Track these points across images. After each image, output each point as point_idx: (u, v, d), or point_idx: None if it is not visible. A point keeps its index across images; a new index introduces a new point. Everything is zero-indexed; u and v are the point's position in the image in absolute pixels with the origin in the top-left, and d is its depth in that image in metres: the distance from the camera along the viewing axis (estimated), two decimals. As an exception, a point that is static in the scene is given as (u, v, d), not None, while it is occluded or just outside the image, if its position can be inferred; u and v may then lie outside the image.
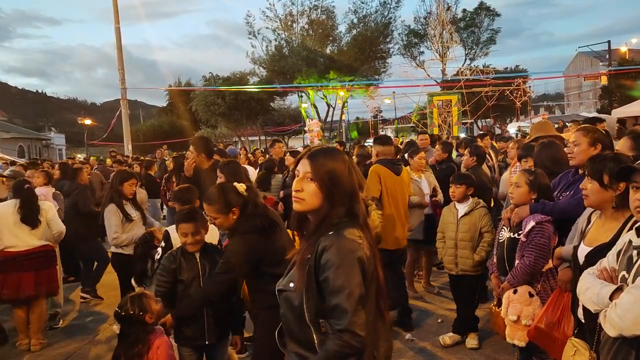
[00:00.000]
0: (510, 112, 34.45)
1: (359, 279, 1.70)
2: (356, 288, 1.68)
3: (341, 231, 1.75)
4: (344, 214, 1.80)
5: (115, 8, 19.34)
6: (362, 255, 1.73)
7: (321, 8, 32.86)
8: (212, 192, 3.08)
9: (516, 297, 3.19)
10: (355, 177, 1.88)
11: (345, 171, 1.83)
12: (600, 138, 3.34)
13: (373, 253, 1.81)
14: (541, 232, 3.22)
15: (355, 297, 1.67)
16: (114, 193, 4.94)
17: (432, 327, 4.97)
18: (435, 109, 20.66)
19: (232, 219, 3.00)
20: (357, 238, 1.75)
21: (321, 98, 34.39)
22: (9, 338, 5.07)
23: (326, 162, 1.83)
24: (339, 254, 1.71)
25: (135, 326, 2.80)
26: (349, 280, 1.68)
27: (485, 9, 36.47)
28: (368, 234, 1.82)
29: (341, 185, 1.81)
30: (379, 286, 1.83)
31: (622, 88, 28.23)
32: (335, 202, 1.79)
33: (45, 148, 48.83)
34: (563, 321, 2.83)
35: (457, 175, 4.72)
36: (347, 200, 1.81)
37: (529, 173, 3.46)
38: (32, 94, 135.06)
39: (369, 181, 4.82)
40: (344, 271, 1.69)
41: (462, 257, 4.45)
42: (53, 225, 5.06)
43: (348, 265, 1.69)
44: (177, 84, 45.29)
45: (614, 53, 34.05)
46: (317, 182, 1.80)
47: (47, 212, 5.03)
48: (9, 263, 4.82)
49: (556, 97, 66.43)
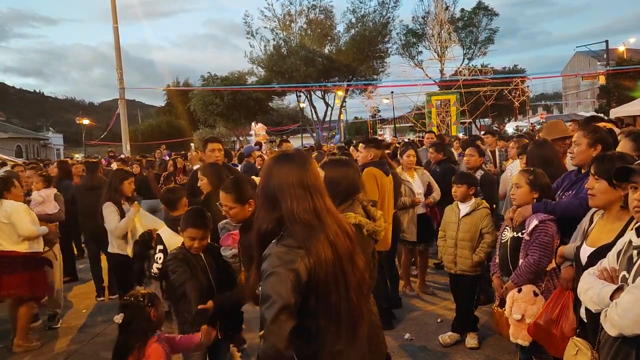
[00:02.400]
0: (509, 111, 34.49)
1: (285, 289, 1.68)
2: (279, 298, 1.67)
3: (281, 240, 1.76)
4: (277, 221, 1.79)
5: (113, 8, 19.33)
6: (299, 266, 1.71)
7: (319, 8, 32.92)
8: (230, 182, 3.09)
9: (520, 296, 3.19)
10: (299, 179, 1.83)
11: (277, 177, 1.83)
12: (601, 138, 3.32)
13: (337, 262, 1.78)
14: (545, 230, 3.23)
15: (275, 307, 1.67)
16: (113, 192, 4.93)
17: (432, 326, 4.98)
18: (433, 108, 20.68)
19: (247, 210, 2.98)
20: (295, 248, 1.73)
21: (319, 97, 34.43)
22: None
23: (265, 171, 1.88)
24: (272, 263, 1.72)
25: (139, 316, 2.71)
26: (273, 289, 1.69)
27: (484, 9, 36.52)
28: (323, 244, 1.77)
29: (269, 192, 1.84)
30: (340, 294, 1.79)
31: (620, 88, 28.24)
32: (261, 209, 1.84)
33: (43, 148, 48.71)
34: (562, 319, 2.83)
35: (458, 175, 4.73)
36: (276, 206, 1.80)
37: (529, 173, 3.46)
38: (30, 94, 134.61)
39: (366, 184, 4.81)
40: (271, 280, 1.70)
41: (461, 256, 4.46)
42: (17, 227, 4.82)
43: (276, 275, 1.69)
44: (175, 84, 45.25)
45: (611, 52, 34.09)
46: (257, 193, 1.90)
47: (10, 215, 4.80)
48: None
49: (554, 96, 66.58)
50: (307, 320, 1.76)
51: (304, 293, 1.73)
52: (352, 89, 33.75)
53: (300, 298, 1.72)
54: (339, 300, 1.79)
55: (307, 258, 1.72)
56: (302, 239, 1.75)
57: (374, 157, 5.08)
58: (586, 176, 3.17)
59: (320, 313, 1.78)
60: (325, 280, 1.75)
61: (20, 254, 4.84)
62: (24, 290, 4.85)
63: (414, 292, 5.94)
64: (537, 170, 3.51)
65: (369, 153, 5.08)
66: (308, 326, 1.77)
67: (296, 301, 1.70)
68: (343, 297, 1.80)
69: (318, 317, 1.78)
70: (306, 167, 1.88)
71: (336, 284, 1.78)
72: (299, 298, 1.71)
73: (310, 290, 1.74)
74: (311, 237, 1.76)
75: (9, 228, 4.79)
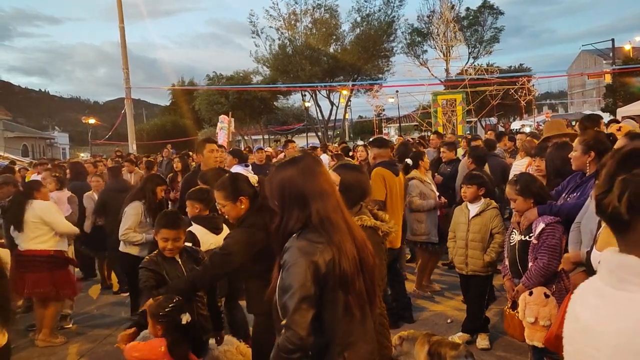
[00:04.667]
0: (514, 110, 34.41)
1: (305, 281, 1.78)
2: (300, 288, 1.77)
3: (303, 234, 1.86)
4: (303, 218, 1.88)
5: (119, 8, 19.41)
6: (318, 259, 1.80)
7: (324, 7, 32.81)
8: (223, 179, 3.11)
9: (532, 299, 3.21)
10: (318, 181, 1.94)
11: (295, 178, 1.92)
12: (594, 145, 3.33)
13: (350, 258, 1.85)
14: (552, 233, 3.27)
15: (297, 296, 1.77)
16: (147, 193, 4.94)
17: (442, 327, 4.99)
18: (439, 108, 20.64)
19: (240, 208, 2.97)
20: (315, 242, 1.83)
21: (324, 97, 34.43)
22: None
23: (276, 174, 1.97)
24: (293, 255, 1.82)
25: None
26: (295, 280, 1.78)
27: (489, 7, 36.40)
28: (340, 239, 1.86)
29: (289, 192, 1.91)
30: (355, 290, 1.88)
31: (626, 86, 28.11)
32: (285, 209, 1.91)
33: (49, 147, 48.98)
34: None
35: (468, 176, 4.74)
36: (300, 205, 1.89)
37: (513, 183, 3.56)
38: (35, 93, 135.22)
39: (374, 185, 4.84)
40: (293, 271, 1.79)
41: (472, 257, 4.47)
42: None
43: (298, 266, 1.79)
44: (180, 83, 45.34)
45: (617, 51, 33.95)
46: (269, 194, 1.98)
47: (43, 215, 4.93)
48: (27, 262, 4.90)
49: (559, 95, 66.31)
50: (323, 311, 1.85)
51: (322, 285, 1.82)
52: (357, 88, 33.72)
53: (319, 289, 1.81)
54: (355, 294, 1.88)
55: (326, 252, 1.82)
56: (328, 234, 1.84)
57: (377, 157, 5.11)
58: (591, 179, 3.21)
59: (336, 305, 1.86)
60: (345, 274, 1.83)
61: (47, 252, 4.94)
62: (49, 290, 4.94)
63: (428, 294, 5.96)
64: (521, 176, 3.62)
65: (372, 154, 5.13)
66: (323, 317, 1.86)
67: (315, 291, 1.80)
68: (358, 292, 1.89)
69: (334, 309, 1.86)
70: (324, 170, 2.02)
71: (353, 279, 1.86)
72: (318, 289, 1.81)
73: (328, 282, 1.82)
74: (337, 232, 1.86)
75: (37, 227, 4.90)
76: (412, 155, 5.99)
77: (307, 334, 1.77)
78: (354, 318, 1.90)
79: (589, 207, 3.08)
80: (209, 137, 5.33)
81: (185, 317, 2.72)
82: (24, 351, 5.00)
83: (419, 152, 6.23)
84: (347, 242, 1.86)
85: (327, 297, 1.84)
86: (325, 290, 1.83)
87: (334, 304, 1.85)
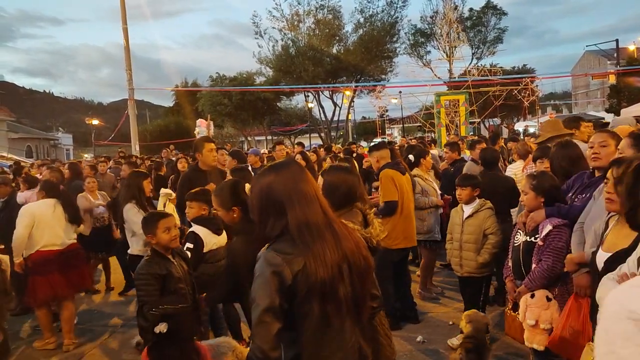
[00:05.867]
0: (518, 111, 34.29)
1: (268, 292, 1.72)
2: (262, 300, 1.72)
3: (274, 244, 1.81)
4: (280, 226, 1.81)
5: (123, 9, 19.40)
6: (284, 269, 1.73)
7: (327, 8, 32.79)
8: (223, 185, 3.27)
9: (534, 302, 3.17)
10: (297, 187, 1.85)
11: (273, 185, 1.85)
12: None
13: (329, 265, 1.77)
14: (559, 236, 3.21)
15: (259, 309, 1.72)
16: (136, 190, 4.88)
17: (444, 329, 4.96)
18: (442, 108, 20.56)
19: (232, 216, 3.13)
20: (284, 252, 1.76)
21: (327, 97, 34.41)
22: (10, 349, 4.93)
23: (256, 182, 1.92)
24: (260, 265, 1.77)
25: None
26: (258, 292, 1.74)
27: (492, 8, 36.31)
28: (320, 246, 1.78)
29: (266, 200, 1.86)
30: (336, 298, 1.79)
31: (631, 87, 27.99)
32: (262, 216, 1.86)
33: (53, 148, 49.14)
34: (587, 328, 2.77)
35: (462, 177, 4.71)
36: (276, 213, 1.83)
37: (532, 177, 3.48)
38: (39, 94, 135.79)
39: (385, 186, 4.83)
40: (258, 282, 1.75)
41: (466, 258, 4.47)
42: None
43: (262, 277, 1.74)
44: (183, 84, 45.41)
45: (622, 51, 33.79)
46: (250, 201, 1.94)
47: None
48: (46, 263, 4.90)
49: (563, 95, 66.13)
50: (296, 323, 1.78)
51: (290, 296, 1.75)
52: (360, 89, 33.69)
53: (285, 301, 1.74)
54: (334, 303, 1.79)
55: (295, 262, 1.74)
56: (305, 242, 1.77)
57: (380, 160, 5.10)
58: (600, 179, 3.14)
59: (309, 316, 1.77)
60: (323, 283, 1.75)
61: (70, 248, 5.16)
62: (75, 287, 5.21)
63: (432, 294, 5.92)
64: (542, 173, 3.51)
65: (375, 158, 5.14)
66: (297, 329, 1.79)
67: (281, 304, 1.73)
68: (339, 300, 1.80)
69: (307, 320, 1.78)
70: (305, 175, 1.92)
71: (333, 287, 1.78)
72: (284, 301, 1.74)
73: (298, 293, 1.75)
74: (317, 239, 1.78)
75: (58, 227, 5.04)
76: (415, 152, 5.97)
77: (270, 348, 1.71)
78: (332, 329, 1.81)
79: (592, 207, 3.04)
80: (207, 137, 5.33)
81: (159, 328, 2.93)
82: (24, 351, 4.98)
83: (422, 150, 6.21)
84: (327, 249, 1.78)
85: (299, 309, 1.77)
86: (295, 301, 1.76)
87: (307, 315, 1.77)
